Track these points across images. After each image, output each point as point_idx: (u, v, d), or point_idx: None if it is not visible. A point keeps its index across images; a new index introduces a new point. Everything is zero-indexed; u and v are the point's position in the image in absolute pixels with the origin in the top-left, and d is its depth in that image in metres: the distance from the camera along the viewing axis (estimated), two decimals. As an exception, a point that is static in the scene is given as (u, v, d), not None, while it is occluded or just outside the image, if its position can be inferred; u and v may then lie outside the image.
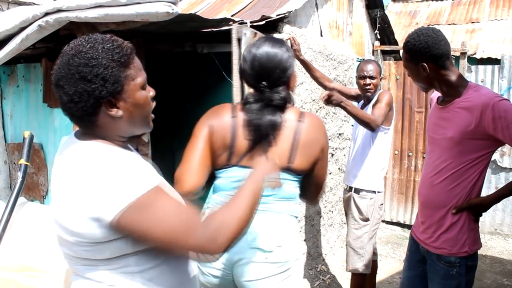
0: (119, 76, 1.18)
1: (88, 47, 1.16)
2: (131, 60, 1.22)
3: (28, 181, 2.71)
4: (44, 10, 1.88)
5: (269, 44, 1.76)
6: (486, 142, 1.99)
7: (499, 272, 4.65)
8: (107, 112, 1.19)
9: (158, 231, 1.14)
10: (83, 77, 1.14)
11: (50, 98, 2.50)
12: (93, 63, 1.15)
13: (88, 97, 1.15)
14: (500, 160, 5.38)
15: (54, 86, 1.19)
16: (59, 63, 1.18)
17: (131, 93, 1.22)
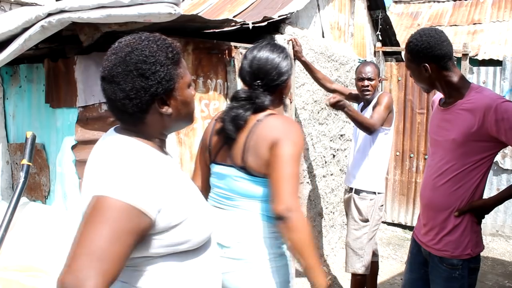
0: (173, 74, 1.21)
1: (144, 44, 1.18)
2: (181, 59, 1.27)
3: (30, 181, 2.71)
4: (47, 11, 1.88)
5: (271, 48, 1.85)
6: (489, 144, 1.98)
7: (501, 273, 4.64)
8: (158, 109, 1.22)
9: (79, 235, 1.05)
10: (141, 74, 1.15)
11: (52, 99, 2.50)
12: (152, 60, 1.16)
13: (145, 94, 1.17)
14: (502, 162, 5.37)
15: (107, 82, 1.18)
16: (113, 60, 1.18)
17: (181, 91, 1.26)
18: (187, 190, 1.30)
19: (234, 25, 2.83)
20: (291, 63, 1.90)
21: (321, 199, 4.48)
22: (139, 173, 1.14)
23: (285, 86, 1.90)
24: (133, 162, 1.16)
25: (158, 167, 1.20)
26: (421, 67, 2.05)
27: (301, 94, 3.89)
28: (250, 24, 2.93)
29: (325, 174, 4.52)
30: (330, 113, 4.52)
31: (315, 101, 4.15)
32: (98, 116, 2.38)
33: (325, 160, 4.48)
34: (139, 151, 1.20)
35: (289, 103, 3.52)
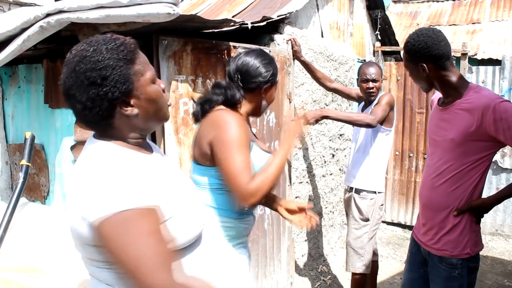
0: (128, 74, 1.15)
1: (92, 50, 1.13)
2: (136, 56, 1.19)
3: (29, 181, 2.71)
4: (46, 11, 1.88)
5: (258, 54, 1.97)
6: (488, 144, 1.98)
7: (500, 273, 4.64)
8: (122, 113, 1.17)
9: (124, 256, 1.06)
10: (92, 82, 1.11)
11: (51, 99, 2.50)
12: (100, 66, 1.11)
13: (102, 101, 1.12)
14: (501, 161, 5.37)
15: (65, 96, 1.15)
16: (65, 72, 1.14)
17: (143, 89, 1.19)
18: (174, 188, 1.27)
19: (233, 25, 2.83)
20: (274, 71, 1.97)
21: (321, 198, 4.49)
22: (130, 176, 1.11)
23: (263, 90, 1.95)
24: (119, 168, 1.12)
25: (137, 167, 1.17)
26: (419, 67, 2.06)
27: (300, 94, 3.89)
28: (249, 24, 2.93)
29: (325, 174, 4.53)
30: (329, 112, 4.52)
31: (314, 100, 4.15)
32: (97, 116, 2.38)
33: (324, 159, 4.48)
34: (119, 155, 1.17)
35: (289, 103, 3.53)
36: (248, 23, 2.93)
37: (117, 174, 1.10)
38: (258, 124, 3.10)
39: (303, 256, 4.18)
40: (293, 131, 1.97)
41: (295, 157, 3.92)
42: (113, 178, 1.09)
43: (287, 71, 3.49)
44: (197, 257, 1.32)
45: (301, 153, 4.05)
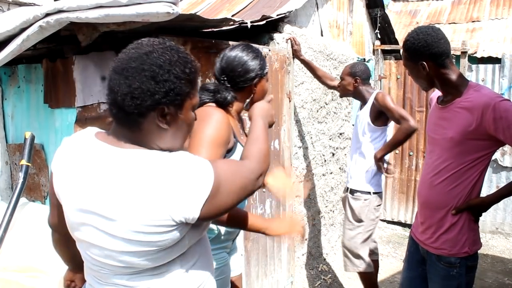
0: (184, 90, 1.16)
1: (165, 49, 1.14)
2: (197, 80, 1.22)
3: (29, 181, 2.71)
4: (45, 11, 1.88)
5: (243, 48, 1.92)
6: (487, 143, 1.98)
7: (501, 271, 4.64)
8: (155, 120, 1.14)
9: (236, 197, 1.24)
10: (152, 77, 1.10)
11: (51, 99, 2.50)
12: (167, 68, 1.12)
13: (148, 97, 1.11)
14: (501, 159, 5.38)
15: (115, 72, 1.13)
16: (131, 54, 1.13)
17: (186, 111, 1.19)
18: None
19: (233, 24, 2.83)
20: (263, 65, 1.93)
21: (321, 197, 4.49)
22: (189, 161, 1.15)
23: (253, 86, 1.92)
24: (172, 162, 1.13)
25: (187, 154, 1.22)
26: (419, 65, 2.05)
27: (300, 93, 3.89)
28: (248, 23, 2.93)
29: (325, 173, 4.53)
30: (329, 111, 4.52)
31: (314, 99, 4.15)
32: (97, 116, 2.38)
33: (324, 158, 4.48)
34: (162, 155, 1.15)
35: (289, 102, 3.53)
36: (247, 22, 2.93)
37: (181, 167, 1.12)
38: (257, 123, 3.10)
39: (303, 255, 4.18)
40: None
41: (295, 156, 3.92)
42: (179, 175, 1.10)
43: (287, 70, 3.49)
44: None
45: (301, 152, 4.05)
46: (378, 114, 3.26)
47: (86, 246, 1.22)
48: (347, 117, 4.98)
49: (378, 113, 3.26)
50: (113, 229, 1.12)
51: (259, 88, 1.94)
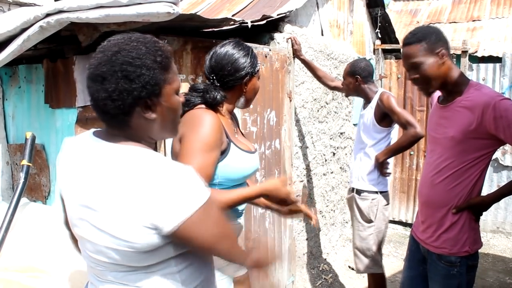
0: (159, 78, 1.17)
1: (132, 45, 1.15)
2: (170, 64, 1.22)
3: (30, 182, 2.72)
4: (45, 11, 1.88)
5: (233, 46, 1.89)
6: (488, 142, 1.98)
7: (502, 270, 4.64)
8: (141, 114, 1.17)
9: (215, 240, 1.21)
10: (125, 76, 1.12)
11: (52, 99, 2.50)
12: (137, 62, 1.13)
13: (127, 96, 1.13)
14: (502, 159, 5.37)
15: (90, 80, 1.15)
16: (99, 58, 1.15)
17: (167, 97, 1.21)
18: None
19: (233, 24, 2.83)
20: (254, 63, 1.89)
21: (322, 197, 4.49)
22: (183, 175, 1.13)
23: (243, 85, 1.89)
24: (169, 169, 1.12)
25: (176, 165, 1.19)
26: None
27: (300, 93, 3.89)
28: (249, 23, 2.93)
29: (325, 172, 4.53)
30: (330, 111, 4.52)
31: (314, 99, 4.15)
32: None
33: (325, 158, 4.49)
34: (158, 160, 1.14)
35: (289, 102, 3.53)
36: (248, 22, 2.93)
37: (171, 177, 1.11)
38: (258, 123, 3.10)
39: (304, 254, 4.18)
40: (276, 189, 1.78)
41: (296, 155, 3.92)
42: (172, 182, 1.10)
43: (287, 69, 3.49)
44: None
45: (301, 152, 4.06)
46: (383, 115, 3.20)
47: (82, 243, 1.25)
48: (348, 116, 4.98)
49: (383, 114, 3.19)
50: (99, 222, 1.14)
51: (250, 87, 1.92)
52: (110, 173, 1.13)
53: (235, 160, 1.81)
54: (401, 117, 3.08)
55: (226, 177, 1.80)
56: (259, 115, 3.11)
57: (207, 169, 1.66)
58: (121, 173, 1.11)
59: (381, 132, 3.24)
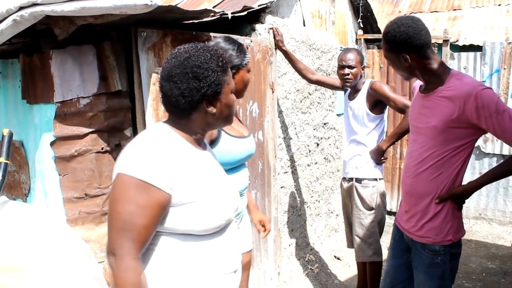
0: (221, 80, 1.46)
1: (199, 52, 1.43)
2: (228, 68, 1.52)
3: (10, 179, 2.66)
4: (19, 4, 1.82)
5: (221, 40, 2.09)
6: (470, 131, 1.99)
7: (484, 256, 4.72)
8: (204, 108, 1.45)
9: (110, 208, 1.35)
10: (196, 77, 1.40)
11: (29, 95, 2.44)
12: (205, 66, 1.41)
13: (196, 93, 1.41)
14: (483, 146, 5.44)
15: (165, 80, 1.43)
16: (173, 62, 1.42)
17: (226, 95, 1.49)
18: (204, 181, 1.46)
19: (213, 15, 2.79)
20: (242, 57, 2.07)
21: (306, 188, 4.49)
22: (155, 153, 1.35)
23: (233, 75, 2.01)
24: (154, 144, 1.39)
25: (179, 151, 1.42)
26: (401, 57, 2.05)
27: (283, 84, 3.88)
28: (229, 14, 2.89)
29: (310, 163, 4.53)
30: (313, 101, 4.51)
31: (297, 90, 4.14)
32: (76, 111, 2.34)
33: (309, 149, 4.49)
34: (166, 136, 1.43)
35: (271, 93, 3.51)
36: (228, 13, 2.90)
37: (150, 147, 1.38)
38: (241, 115, 3.08)
39: (290, 245, 4.19)
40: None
41: (280, 147, 3.91)
42: (145, 149, 1.37)
43: (269, 61, 3.46)
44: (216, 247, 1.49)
45: (285, 143, 4.05)
46: (375, 103, 3.25)
47: None
48: (331, 107, 4.98)
49: (375, 102, 3.24)
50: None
51: (238, 79, 2.08)
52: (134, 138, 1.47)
53: (226, 146, 2.02)
54: (398, 102, 3.14)
55: (220, 162, 1.94)
56: (242, 107, 3.09)
57: None
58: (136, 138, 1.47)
59: (374, 120, 3.27)
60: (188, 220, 1.41)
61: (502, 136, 1.95)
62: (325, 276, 4.19)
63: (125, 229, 1.30)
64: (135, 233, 1.31)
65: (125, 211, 1.31)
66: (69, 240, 2.00)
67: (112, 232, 1.33)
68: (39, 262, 2.02)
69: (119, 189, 1.33)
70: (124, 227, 1.31)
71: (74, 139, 2.35)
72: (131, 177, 1.31)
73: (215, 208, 1.47)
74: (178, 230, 1.41)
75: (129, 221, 1.30)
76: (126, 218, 1.31)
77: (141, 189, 1.31)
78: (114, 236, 1.32)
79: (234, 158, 2.08)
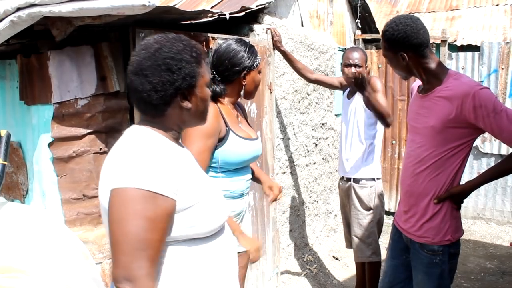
0: (196, 72, 1.33)
1: (171, 43, 1.31)
2: (203, 60, 1.38)
3: (8, 180, 2.66)
4: (16, 5, 1.82)
5: (233, 42, 2.09)
6: (467, 130, 2.00)
7: (482, 255, 4.72)
8: (179, 103, 1.33)
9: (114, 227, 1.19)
10: (169, 69, 1.27)
11: (27, 96, 2.43)
12: (178, 57, 1.29)
13: (170, 87, 1.29)
14: (481, 146, 5.45)
15: (134, 75, 1.29)
16: (142, 54, 1.30)
17: (201, 89, 1.37)
18: (199, 180, 1.38)
19: (211, 15, 2.79)
20: (253, 58, 2.08)
21: (305, 188, 4.49)
22: (152, 159, 1.23)
23: (242, 79, 2.08)
24: (146, 150, 1.26)
25: (171, 152, 1.31)
26: (398, 56, 2.06)
27: (281, 84, 3.88)
28: (227, 14, 2.89)
29: (308, 163, 4.53)
30: (311, 102, 4.52)
31: (295, 90, 4.14)
32: (74, 112, 2.34)
33: (307, 149, 4.49)
34: (152, 139, 1.31)
35: (270, 93, 3.51)
36: (226, 14, 2.90)
37: (144, 154, 1.24)
38: (239, 116, 3.08)
39: (288, 246, 4.19)
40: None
41: (278, 147, 3.91)
42: (139, 157, 1.22)
43: (268, 61, 3.47)
44: (220, 246, 1.41)
45: (283, 143, 4.05)
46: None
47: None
48: (329, 107, 4.98)
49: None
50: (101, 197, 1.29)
51: (249, 80, 2.11)
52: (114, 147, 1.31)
53: (233, 146, 2.02)
54: (383, 99, 3.15)
55: (225, 161, 2.02)
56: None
57: (204, 154, 1.91)
58: (116, 147, 1.30)
59: (372, 117, 3.24)
60: (195, 223, 1.30)
61: (499, 135, 1.95)
62: (323, 277, 4.19)
63: (139, 248, 1.15)
64: (152, 251, 1.18)
65: (136, 229, 1.15)
66: (67, 241, 2.00)
67: (123, 257, 1.15)
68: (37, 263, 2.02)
69: (121, 206, 1.17)
70: (138, 246, 1.15)
71: (72, 140, 2.35)
72: (132, 189, 1.16)
73: (216, 205, 1.40)
74: (187, 236, 1.29)
75: (143, 239, 1.16)
76: (140, 236, 1.15)
77: (147, 200, 1.17)
78: (129, 260, 1.15)
79: (239, 159, 2.09)
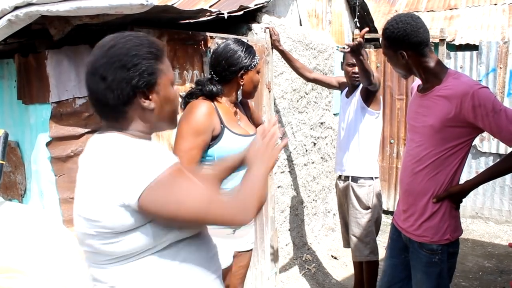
0: (155, 68, 1.24)
1: (126, 39, 1.23)
2: (163, 56, 1.29)
3: (5, 180, 2.66)
4: (13, 4, 1.81)
5: (231, 42, 2.09)
6: (467, 130, 2.00)
7: (481, 254, 4.73)
8: (139, 103, 1.24)
9: (181, 208, 1.16)
10: (123, 66, 1.19)
11: (24, 95, 2.43)
12: (133, 53, 1.21)
13: (126, 85, 1.20)
14: (480, 145, 5.45)
15: (90, 74, 1.23)
16: (97, 53, 1.23)
17: (164, 87, 1.27)
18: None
19: (210, 15, 2.79)
20: (250, 58, 2.08)
21: (303, 187, 4.49)
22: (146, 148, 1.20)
23: (239, 78, 2.08)
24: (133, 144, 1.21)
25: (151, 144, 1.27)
26: (398, 54, 2.06)
27: (279, 83, 3.87)
28: (225, 13, 2.89)
29: (306, 163, 4.53)
30: (310, 101, 4.51)
31: (294, 89, 4.14)
32: (72, 111, 2.33)
33: (305, 148, 4.49)
34: (125, 142, 1.23)
35: (268, 93, 3.51)
36: (224, 13, 2.89)
37: (131, 154, 1.17)
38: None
39: (287, 245, 4.19)
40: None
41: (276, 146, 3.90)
42: (130, 158, 1.16)
43: (266, 60, 3.46)
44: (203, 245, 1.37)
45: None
46: (367, 95, 3.24)
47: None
48: (328, 106, 4.98)
49: (366, 94, 3.24)
50: (78, 208, 1.22)
51: (246, 80, 2.11)
52: (88, 163, 1.23)
53: (228, 143, 2.01)
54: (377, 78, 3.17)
55: (221, 158, 1.99)
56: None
57: (193, 151, 1.90)
58: (93, 160, 1.22)
59: (369, 115, 3.24)
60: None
61: (498, 135, 1.95)
62: (322, 276, 4.19)
63: (211, 200, 1.20)
64: (217, 186, 1.45)
65: (197, 193, 1.19)
66: (65, 241, 2.00)
67: (211, 216, 1.20)
68: (35, 263, 2.01)
69: (167, 190, 1.15)
70: (210, 199, 1.19)
71: (70, 140, 2.34)
72: (161, 175, 1.14)
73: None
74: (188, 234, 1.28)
75: (206, 194, 1.20)
76: (204, 196, 1.19)
77: (179, 171, 1.19)
78: (214, 212, 1.19)
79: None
